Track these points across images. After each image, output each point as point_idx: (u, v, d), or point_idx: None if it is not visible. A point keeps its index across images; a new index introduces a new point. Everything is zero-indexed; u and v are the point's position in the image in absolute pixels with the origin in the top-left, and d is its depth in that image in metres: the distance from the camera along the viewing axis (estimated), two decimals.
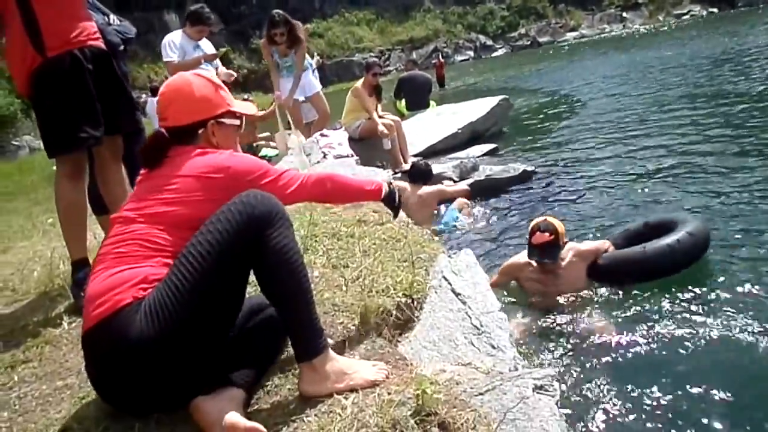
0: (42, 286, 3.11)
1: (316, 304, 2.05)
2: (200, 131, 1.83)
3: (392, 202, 2.24)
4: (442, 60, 19.63)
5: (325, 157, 5.66)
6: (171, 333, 1.45)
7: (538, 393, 1.70)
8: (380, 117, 7.19)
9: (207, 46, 5.38)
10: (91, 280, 1.57)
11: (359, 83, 7.20)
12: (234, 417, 1.43)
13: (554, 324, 3.25)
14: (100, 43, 2.74)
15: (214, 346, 1.59)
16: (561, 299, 3.49)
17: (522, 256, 3.68)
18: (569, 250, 3.61)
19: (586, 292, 3.53)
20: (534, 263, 3.56)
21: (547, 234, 3.44)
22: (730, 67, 12.35)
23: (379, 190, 2.17)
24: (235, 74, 5.47)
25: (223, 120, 1.87)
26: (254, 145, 8.87)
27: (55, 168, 2.82)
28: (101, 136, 2.70)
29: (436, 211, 5.77)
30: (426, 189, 5.73)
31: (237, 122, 1.94)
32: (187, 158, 1.72)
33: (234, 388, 1.55)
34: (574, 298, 3.49)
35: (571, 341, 3.06)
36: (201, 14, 5.25)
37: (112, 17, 3.55)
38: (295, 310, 1.60)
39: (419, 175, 5.87)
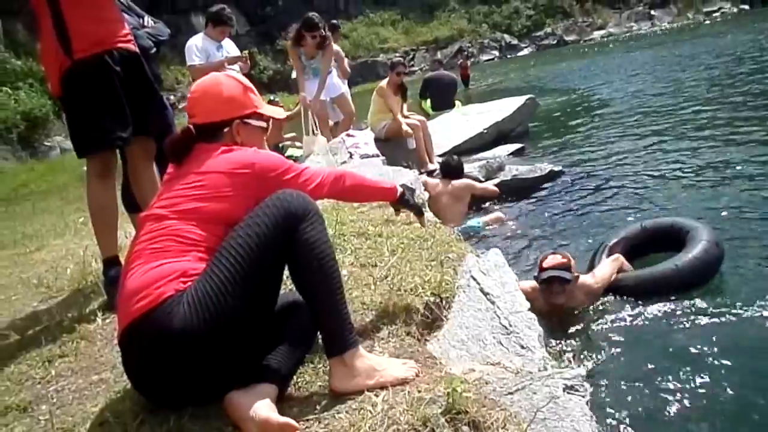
0: (75, 284, 3.18)
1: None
2: (225, 130, 1.88)
3: (406, 203, 2.28)
4: (467, 62, 19.56)
5: (351, 157, 5.68)
6: (214, 323, 1.50)
7: (568, 393, 1.70)
8: (405, 117, 7.21)
9: (229, 46, 5.43)
10: (127, 276, 1.60)
11: (384, 83, 7.24)
12: (267, 412, 1.45)
13: (580, 324, 3.22)
14: (131, 46, 2.77)
15: (252, 338, 1.63)
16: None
17: (527, 283, 3.43)
18: (580, 288, 3.45)
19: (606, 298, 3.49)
20: (543, 292, 3.37)
21: (560, 256, 3.41)
22: (763, 65, 12.08)
23: (395, 190, 2.22)
24: (244, 55, 5.46)
25: (249, 121, 1.92)
26: (280, 145, 8.94)
27: (85, 168, 2.88)
28: (129, 136, 2.75)
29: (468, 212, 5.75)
30: (456, 183, 5.71)
31: (263, 124, 1.99)
32: (213, 155, 1.76)
33: (267, 383, 1.57)
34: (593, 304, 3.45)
35: (598, 341, 3.03)
36: (222, 15, 5.31)
37: (147, 19, 3.61)
38: (326, 303, 1.63)
39: (451, 169, 5.86)
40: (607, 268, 3.61)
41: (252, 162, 1.76)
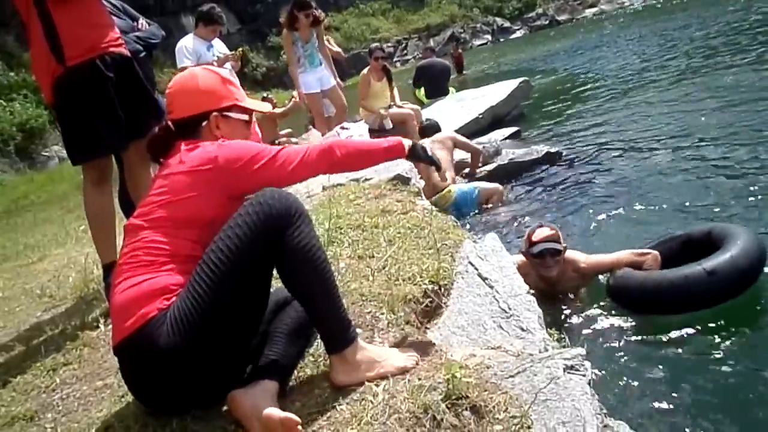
0: (78, 291, 3.20)
1: (343, 296, 2.08)
2: (203, 124, 1.82)
3: (418, 156, 2.00)
4: (459, 51, 19.50)
5: None
6: (198, 340, 1.48)
7: (569, 373, 1.70)
8: (399, 106, 7.22)
9: (219, 46, 5.42)
10: (114, 290, 1.60)
11: (365, 70, 7.43)
12: (269, 408, 1.46)
13: (579, 304, 3.23)
14: (123, 50, 2.77)
15: (242, 346, 1.62)
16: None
17: (515, 258, 3.16)
18: (569, 263, 3.38)
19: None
20: (536, 266, 3.33)
21: (548, 229, 3.38)
22: (762, 33, 11.94)
23: (401, 145, 1.93)
24: (236, 54, 5.45)
25: (229, 114, 1.86)
26: (276, 141, 8.94)
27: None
28: (124, 141, 2.75)
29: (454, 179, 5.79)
30: (437, 135, 6.03)
31: (245, 117, 1.92)
32: (180, 153, 1.71)
33: (267, 380, 1.58)
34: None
35: (600, 321, 3.04)
36: (212, 14, 5.30)
37: (142, 21, 3.61)
38: (321, 304, 1.61)
39: (428, 128, 6.31)
40: (610, 255, 3.39)
41: (214, 156, 1.67)
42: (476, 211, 5.50)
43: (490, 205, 5.47)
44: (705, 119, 6.56)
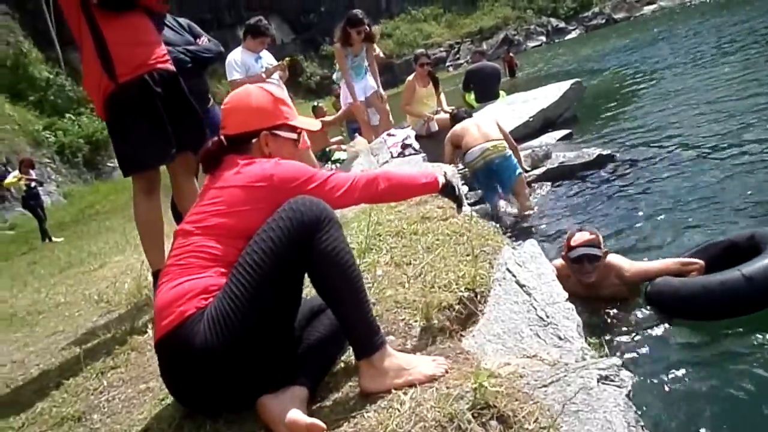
0: (132, 298, 3.34)
1: (378, 302, 2.11)
2: (254, 141, 1.89)
3: (452, 192, 2.23)
4: (511, 54, 19.37)
5: (393, 156, 5.69)
6: (232, 340, 1.53)
7: (603, 383, 1.66)
8: (446, 112, 7.21)
9: (268, 57, 5.53)
10: (158, 291, 1.67)
11: (411, 77, 7.43)
12: (295, 414, 1.49)
13: (621, 313, 3.13)
14: (169, 65, 2.88)
15: (275, 348, 1.65)
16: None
17: (556, 264, 3.22)
18: (611, 269, 3.29)
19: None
20: (574, 271, 3.27)
21: (587, 233, 3.29)
22: None
23: (436, 182, 2.14)
24: (283, 64, 5.59)
25: (278, 132, 1.93)
26: (327, 150, 9.06)
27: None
28: (172, 154, 2.85)
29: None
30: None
31: (293, 136, 1.98)
32: (235, 168, 1.78)
33: (297, 386, 1.61)
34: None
35: (643, 329, 2.94)
36: (259, 26, 5.42)
37: (204, 39, 3.78)
38: (350, 309, 1.63)
39: (458, 117, 6.21)
40: (655, 263, 3.31)
41: (270, 174, 1.74)
42: (508, 193, 5.55)
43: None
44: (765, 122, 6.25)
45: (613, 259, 3.34)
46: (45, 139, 19.59)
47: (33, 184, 12.18)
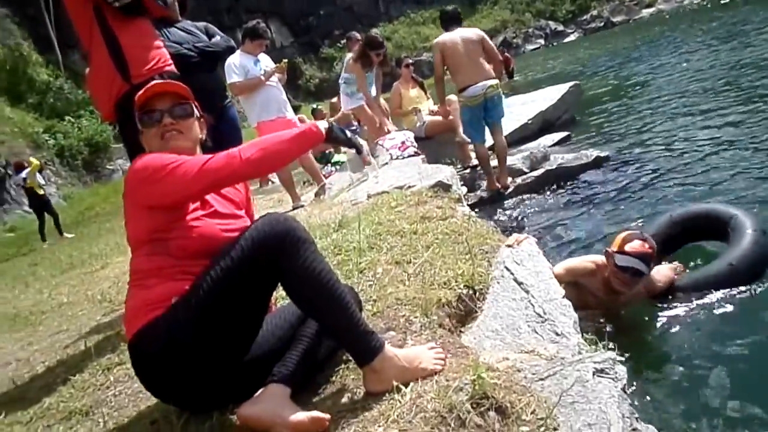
0: None
1: (379, 299, 2.15)
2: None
3: (336, 139, 1.89)
4: (508, 55, 19.39)
5: (392, 158, 5.74)
6: (180, 351, 1.56)
7: (598, 376, 1.70)
8: (433, 113, 7.32)
9: (265, 60, 5.59)
10: None
11: (396, 83, 7.67)
12: (293, 413, 1.50)
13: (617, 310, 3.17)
14: (173, 68, 2.97)
15: (235, 360, 1.66)
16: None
17: (594, 259, 3.24)
18: (645, 282, 3.17)
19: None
20: (614, 276, 3.06)
21: (647, 244, 3.01)
22: None
23: (312, 131, 1.80)
24: (281, 66, 5.66)
25: (139, 124, 1.89)
26: (327, 152, 9.11)
27: None
28: None
29: None
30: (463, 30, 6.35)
31: (152, 127, 1.87)
32: None
33: (273, 385, 1.59)
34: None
35: (637, 326, 2.98)
36: (257, 29, 5.48)
37: (217, 38, 3.87)
38: (337, 322, 1.62)
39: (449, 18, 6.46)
40: (668, 272, 3.32)
41: (127, 179, 1.76)
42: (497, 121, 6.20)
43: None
44: (761, 125, 6.30)
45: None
46: (45, 141, 19.66)
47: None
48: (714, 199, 4.48)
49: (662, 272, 3.29)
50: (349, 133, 1.93)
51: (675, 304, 3.14)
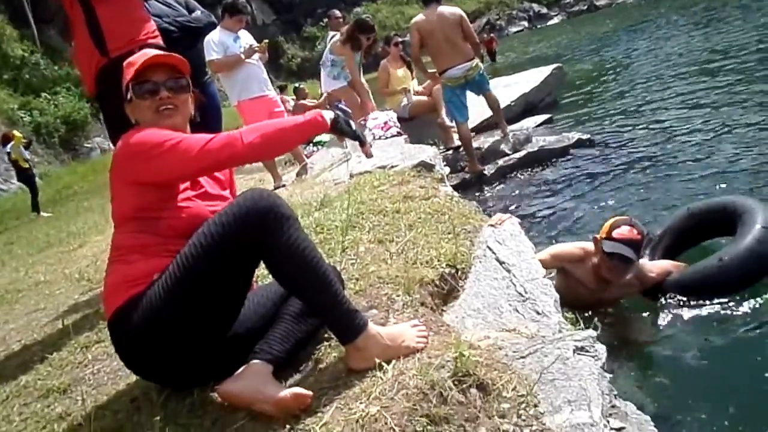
0: None
1: (361, 277, 2.14)
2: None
3: (346, 127, 1.80)
4: (492, 35, 19.30)
5: (375, 138, 5.71)
6: (160, 329, 1.54)
7: (578, 354, 1.72)
8: (417, 93, 7.30)
9: (246, 37, 5.49)
10: None
11: (384, 61, 7.57)
12: (276, 389, 1.49)
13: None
14: (159, 41, 2.90)
15: (216, 337, 1.64)
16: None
17: (583, 246, 3.18)
18: (636, 271, 3.09)
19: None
20: (603, 262, 2.98)
21: (635, 230, 2.93)
22: None
23: (317, 120, 1.74)
24: (262, 46, 5.55)
25: (130, 96, 1.83)
26: None
27: None
28: None
29: None
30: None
31: (145, 98, 1.80)
32: None
33: (255, 362, 1.58)
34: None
35: (627, 309, 3.01)
36: (236, 4, 5.36)
37: (197, 12, 3.77)
38: (321, 300, 1.60)
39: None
40: (667, 266, 3.24)
41: (116, 154, 1.71)
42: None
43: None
44: (742, 105, 6.39)
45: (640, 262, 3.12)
46: (20, 118, 19.24)
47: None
48: (695, 179, 4.55)
49: (659, 265, 3.23)
50: (353, 125, 1.84)
51: (664, 297, 3.12)
